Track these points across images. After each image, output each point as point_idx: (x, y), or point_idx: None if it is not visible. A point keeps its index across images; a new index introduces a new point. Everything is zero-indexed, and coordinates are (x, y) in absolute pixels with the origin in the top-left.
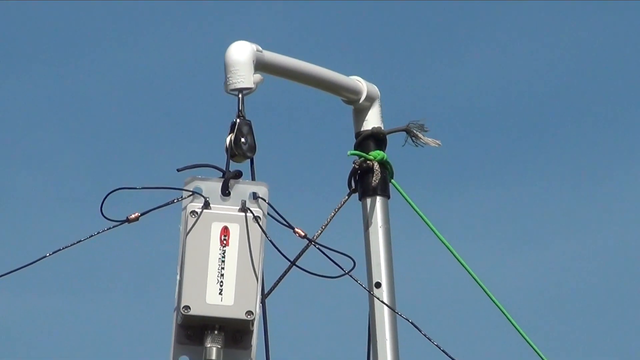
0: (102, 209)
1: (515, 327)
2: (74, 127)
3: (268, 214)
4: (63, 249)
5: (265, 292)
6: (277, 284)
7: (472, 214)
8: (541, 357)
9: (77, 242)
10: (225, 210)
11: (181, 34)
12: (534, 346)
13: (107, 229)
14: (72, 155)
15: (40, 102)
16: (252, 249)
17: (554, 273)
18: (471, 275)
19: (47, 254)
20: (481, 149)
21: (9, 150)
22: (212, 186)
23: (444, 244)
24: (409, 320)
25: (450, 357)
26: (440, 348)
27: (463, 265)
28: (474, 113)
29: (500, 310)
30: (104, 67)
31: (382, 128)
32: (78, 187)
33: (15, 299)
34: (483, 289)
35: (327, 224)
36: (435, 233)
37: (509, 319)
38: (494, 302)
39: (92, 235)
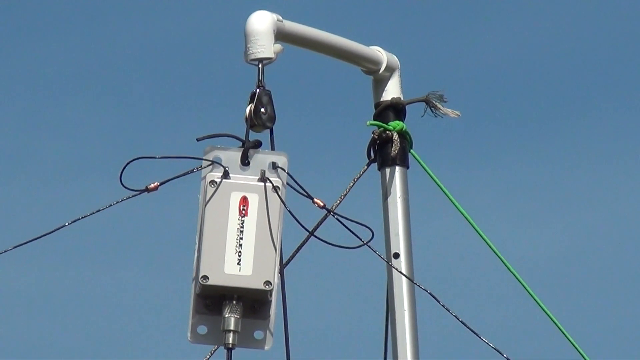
0: (122, 178)
1: (533, 297)
2: (99, 95)
3: (287, 184)
4: (82, 218)
5: (284, 262)
6: (296, 254)
7: (492, 185)
8: (559, 327)
9: (96, 212)
10: (244, 180)
11: (203, 4)
12: (552, 316)
13: (126, 198)
14: (96, 124)
15: (66, 70)
16: (270, 219)
17: (573, 244)
18: (489, 246)
19: (66, 223)
20: (501, 120)
21: (35, 117)
22: (231, 156)
23: (463, 214)
24: (427, 291)
25: (468, 327)
26: (458, 319)
27: (481, 236)
28: (495, 84)
29: (519, 281)
30: (128, 37)
31: (402, 98)
32: (99, 155)
33: (34, 268)
34: (501, 260)
35: (345, 194)
36: (454, 203)
37: (527, 290)
38: (513, 273)
39: (111, 205)
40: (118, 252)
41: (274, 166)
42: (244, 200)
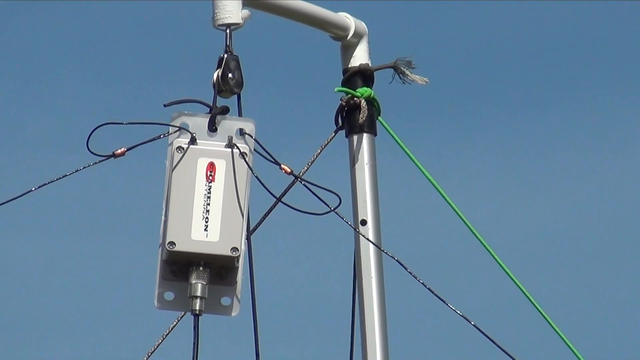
0: (89, 144)
1: (501, 265)
2: (70, 62)
3: (254, 150)
4: (48, 183)
5: (251, 228)
6: (263, 221)
7: (462, 154)
8: (527, 296)
9: (63, 177)
10: (211, 146)
11: None
12: (520, 284)
13: (93, 164)
14: (64, 90)
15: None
16: (238, 185)
17: (543, 214)
18: (457, 213)
19: (33, 188)
20: (474, 89)
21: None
22: (198, 122)
23: (432, 182)
24: (394, 258)
25: (435, 294)
26: (425, 286)
27: (450, 204)
28: (465, 51)
29: (487, 249)
30: (98, 7)
31: (370, 65)
32: (68, 124)
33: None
34: (469, 227)
35: (313, 161)
36: (422, 171)
37: (495, 257)
38: (480, 240)
39: (77, 170)
40: (85, 219)
41: (242, 132)
42: (211, 166)
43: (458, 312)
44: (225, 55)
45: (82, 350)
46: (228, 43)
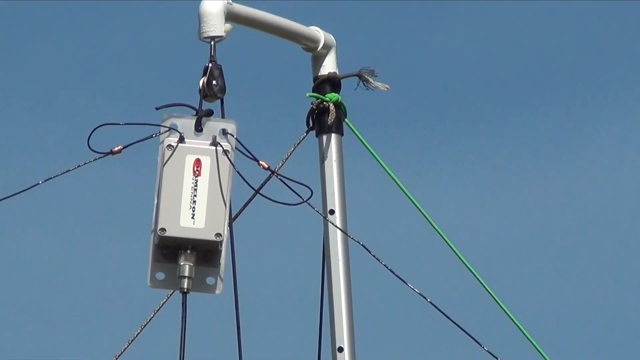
0: (89, 143)
1: (454, 250)
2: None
3: (236, 148)
4: (54, 177)
5: (232, 216)
6: (243, 210)
7: (423, 156)
8: (475, 276)
9: (66, 171)
10: (198, 144)
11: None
12: (471, 268)
13: (93, 160)
14: (67, 100)
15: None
16: (221, 179)
17: (498, 216)
18: (415, 204)
19: (40, 182)
20: (438, 98)
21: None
22: (186, 123)
23: (391, 175)
24: (359, 243)
25: (396, 275)
26: (387, 267)
27: (407, 195)
28: (429, 63)
29: (443, 238)
30: (99, 24)
31: (337, 73)
32: (68, 126)
33: (5, 227)
34: (426, 217)
35: (287, 158)
36: (383, 167)
37: (449, 245)
38: (437, 231)
39: (79, 165)
40: (86, 211)
41: (224, 132)
42: (198, 162)
43: (416, 290)
44: (210, 65)
45: (85, 327)
46: (212, 54)
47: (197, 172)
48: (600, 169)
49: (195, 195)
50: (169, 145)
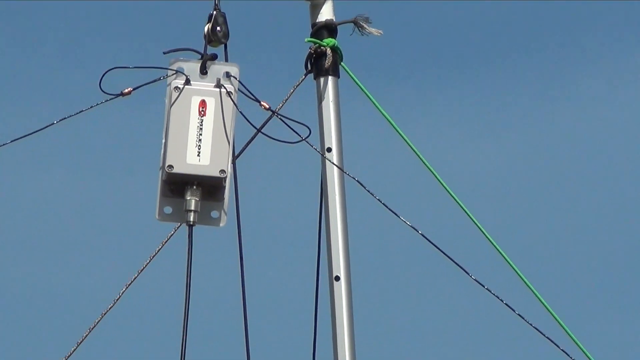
0: (101, 85)
1: (444, 187)
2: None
3: (238, 89)
4: (68, 117)
5: (235, 154)
6: (245, 148)
7: (417, 98)
8: (463, 209)
9: (79, 112)
10: (203, 86)
11: None
12: (462, 205)
13: (105, 101)
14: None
15: None
16: (225, 119)
17: (490, 156)
18: (407, 142)
19: (54, 122)
20: (432, 43)
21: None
22: (192, 66)
23: (384, 115)
24: (355, 179)
25: (389, 208)
26: (381, 202)
27: (400, 133)
28: (421, 8)
29: (432, 172)
30: None
31: (334, 20)
32: (80, 70)
33: (20, 167)
34: (417, 154)
35: (287, 99)
36: (376, 106)
37: (437, 179)
38: (427, 166)
39: (92, 107)
40: (98, 151)
41: (228, 75)
42: (203, 103)
43: (408, 223)
44: (214, 12)
45: (97, 259)
46: (217, 2)
47: (202, 113)
48: (589, 107)
49: (200, 134)
50: (176, 87)
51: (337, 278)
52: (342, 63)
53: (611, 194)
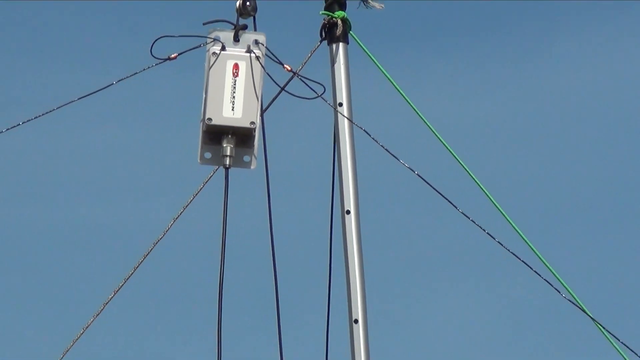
0: (152, 51)
1: (438, 138)
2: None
3: (265, 54)
4: (125, 78)
5: (263, 108)
6: (271, 103)
7: (420, 64)
8: (455, 157)
9: (134, 74)
10: (236, 52)
11: None
12: (452, 151)
13: (155, 65)
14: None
15: None
16: (254, 79)
17: (494, 112)
18: (405, 99)
19: (114, 82)
20: (432, 15)
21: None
22: (227, 35)
23: (386, 75)
24: (362, 128)
25: (391, 153)
26: (384, 147)
27: (399, 91)
28: None
29: (427, 125)
30: None
31: None
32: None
33: (81, 123)
34: (414, 109)
35: (305, 61)
36: (380, 68)
37: (433, 132)
38: (424, 120)
39: (144, 69)
40: (149, 106)
41: (256, 42)
42: (236, 66)
43: (406, 164)
44: None
45: (150, 197)
46: None
47: (235, 74)
48: (559, 69)
49: (234, 92)
50: (214, 53)
51: (348, 212)
52: (350, 32)
53: (578, 136)
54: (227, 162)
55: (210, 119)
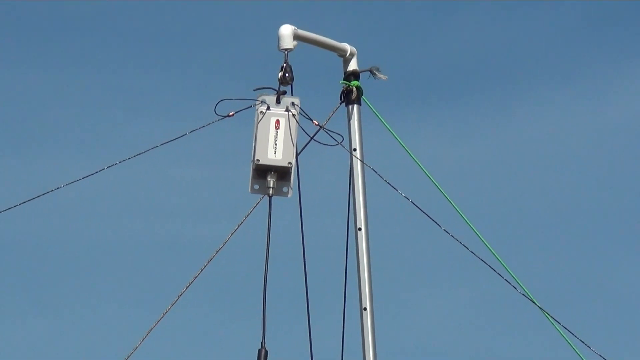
0: (215, 109)
1: (432, 181)
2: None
3: (299, 112)
4: (196, 129)
5: (297, 152)
6: (303, 149)
7: (416, 119)
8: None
9: (202, 127)
10: (278, 111)
11: (254, 30)
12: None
13: (218, 120)
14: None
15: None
16: (291, 131)
17: (484, 156)
18: (404, 147)
19: (187, 132)
20: (425, 83)
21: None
22: (271, 98)
23: (388, 129)
24: (370, 167)
25: (393, 186)
26: (387, 182)
27: (398, 141)
28: (419, 59)
29: (419, 166)
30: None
31: (357, 69)
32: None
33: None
34: (410, 155)
35: (329, 119)
36: (384, 124)
37: (425, 173)
38: (416, 162)
39: (209, 123)
40: (213, 150)
41: (293, 104)
42: (277, 121)
43: (403, 194)
44: (285, 64)
45: (211, 218)
46: (286, 58)
47: (277, 127)
48: (522, 127)
49: (276, 140)
50: (261, 112)
51: (360, 229)
52: (363, 97)
53: (535, 173)
54: (271, 192)
55: (258, 160)
